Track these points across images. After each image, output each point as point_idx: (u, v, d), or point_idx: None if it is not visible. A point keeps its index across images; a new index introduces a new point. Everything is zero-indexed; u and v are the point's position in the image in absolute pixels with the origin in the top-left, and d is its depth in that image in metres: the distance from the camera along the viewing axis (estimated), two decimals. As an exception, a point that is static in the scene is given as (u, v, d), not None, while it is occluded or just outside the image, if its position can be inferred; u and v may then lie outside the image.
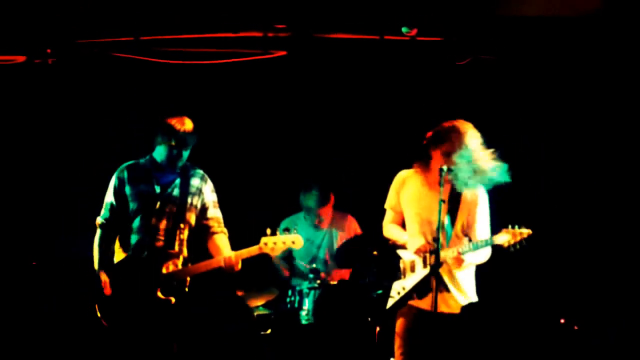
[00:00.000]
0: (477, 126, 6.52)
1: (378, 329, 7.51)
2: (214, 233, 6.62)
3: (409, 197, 6.43)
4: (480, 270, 6.44)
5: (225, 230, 6.66)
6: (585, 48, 8.01)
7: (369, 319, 7.58)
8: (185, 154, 6.48)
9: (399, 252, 6.47)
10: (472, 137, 6.28)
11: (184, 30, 8.28)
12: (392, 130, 8.53)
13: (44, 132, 8.60)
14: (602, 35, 7.86)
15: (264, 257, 8.45)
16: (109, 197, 6.51)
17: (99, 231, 6.50)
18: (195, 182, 6.57)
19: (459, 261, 6.14)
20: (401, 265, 6.44)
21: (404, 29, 7.99)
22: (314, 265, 8.09)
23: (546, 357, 7.83)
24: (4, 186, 8.50)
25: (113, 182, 6.51)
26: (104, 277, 6.34)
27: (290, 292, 8.04)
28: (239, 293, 7.80)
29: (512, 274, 7.98)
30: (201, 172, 6.63)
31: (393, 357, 7.11)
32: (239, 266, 6.40)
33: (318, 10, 7.94)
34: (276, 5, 7.90)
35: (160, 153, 6.50)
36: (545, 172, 8.32)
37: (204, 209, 6.59)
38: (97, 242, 6.47)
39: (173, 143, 6.41)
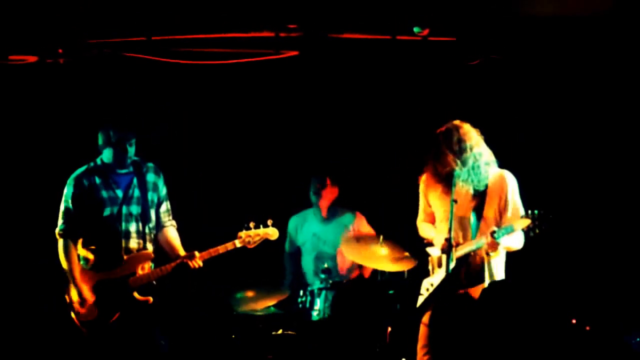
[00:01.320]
0: (489, 126, 6.53)
1: (390, 329, 7.51)
2: (164, 226, 6.71)
3: (435, 198, 6.46)
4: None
5: (174, 222, 6.73)
6: (597, 47, 7.99)
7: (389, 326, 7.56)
8: (131, 149, 6.54)
9: (428, 249, 6.49)
10: (472, 133, 6.33)
11: (195, 30, 8.27)
12: (404, 130, 8.51)
13: (55, 132, 8.61)
14: (614, 34, 7.83)
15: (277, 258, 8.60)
16: (66, 206, 6.56)
17: (61, 241, 6.55)
18: (150, 177, 6.66)
19: (493, 245, 6.12)
20: (429, 263, 6.45)
21: (415, 29, 7.98)
22: (326, 265, 8.08)
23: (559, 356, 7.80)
24: (13, 185, 8.51)
25: (67, 190, 6.57)
26: (83, 290, 6.39)
27: (301, 292, 8.03)
28: (250, 294, 7.78)
29: (535, 270, 7.98)
30: (153, 165, 6.73)
31: (404, 357, 7.13)
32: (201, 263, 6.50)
33: (330, 10, 7.94)
34: (288, 5, 7.89)
35: (107, 156, 6.55)
36: (560, 169, 8.29)
37: (159, 202, 6.67)
38: (62, 252, 6.53)
39: (114, 141, 6.45)
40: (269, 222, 6.70)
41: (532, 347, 7.72)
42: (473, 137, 6.34)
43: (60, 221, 6.57)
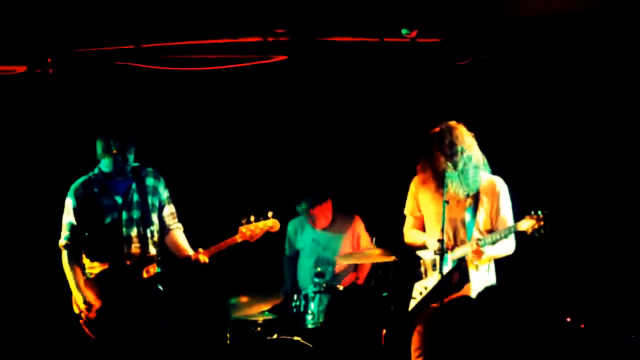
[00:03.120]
0: (479, 126, 6.55)
1: (384, 331, 7.52)
2: (169, 229, 6.74)
3: (427, 200, 6.45)
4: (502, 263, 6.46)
5: (180, 225, 6.76)
6: (584, 46, 8.00)
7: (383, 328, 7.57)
8: (131, 157, 6.58)
9: (419, 253, 6.48)
10: (465, 136, 6.33)
11: (183, 37, 8.28)
12: (395, 131, 8.52)
13: (46, 142, 8.60)
14: (602, 31, 7.85)
15: (274, 263, 8.60)
16: (69, 218, 6.61)
17: (64, 252, 6.60)
18: (149, 181, 6.70)
19: (478, 253, 6.14)
20: (422, 266, 6.44)
21: (403, 31, 7.99)
22: (319, 269, 8.09)
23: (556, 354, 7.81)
24: (5, 193, 8.50)
25: (70, 202, 6.61)
26: (88, 296, 6.41)
27: (295, 297, 8.03)
28: (244, 299, 7.78)
29: (530, 268, 7.98)
30: (152, 170, 6.76)
31: (401, 359, 7.14)
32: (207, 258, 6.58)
33: (317, 14, 7.94)
34: (275, 9, 7.90)
35: (106, 164, 6.59)
36: (553, 168, 8.30)
37: (160, 206, 6.71)
38: (66, 263, 6.58)
39: (114, 151, 6.46)
40: (269, 214, 6.72)
41: (527, 349, 7.76)
42: (465, 140, 6.34)
43: (64, 233, 6.62)
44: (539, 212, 6.09)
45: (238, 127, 8.89)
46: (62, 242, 6.59)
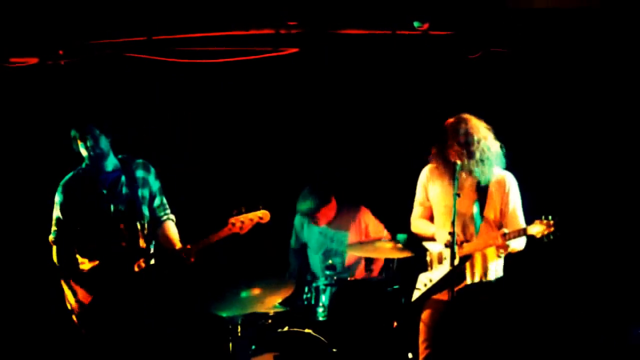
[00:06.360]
0: (490, 119, 6.53)
1: (395, 323, 7.51)
2: (161, 221, 6.65)
3: (437, 191, 6.43)
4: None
5: (172, 216, 6.68)
6: (595, 39, 7.99)
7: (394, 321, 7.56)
8: (104, 145, 6.46)
9: (425, 244, 6.46)
10: (483, 127, 6.32)
11: (195, 29, 8.29)
12: (405, 124, 8.52)
13: (56, 134, 8.59)
14: (610, 26, 7.84)
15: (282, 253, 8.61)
16: (56, 213, 6.53)
17: (54, 248, 6.53)
18: (139, 173, 6.57)
19: (504, 248, 6.11)
20: (428, 258, 6.42)
21: (415, 24, 7.99)
22: (330, 262, 8.08)
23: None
24: (13, 186, 8.52)
25: (58, 198, 6.53)
26: (79, 293, 6.37)
27: (306, 289, 8.03)
28: (256, 291, 7.76)
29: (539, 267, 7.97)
30: (142, 161, 6.63)
31: (411, 351, 7.14)
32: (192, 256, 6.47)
33: (330, 6, 7.95)
34: (287, 2, 7.90)
35: (84, 158, 6.48)
36: (560, 164, 8.28)
37: (151, 197, 6.61)
38: (57, 257, 6.50)
39: (80, 142, 6.40)
40: (260, 206, 6.61)
41: (533, 341, 7.76)
42: (481, 131, 6.32)
43: (52, 228, 6.57)
44: (550, 218, 6.02)
45: (249, 119, 8.88)
46: (51, 237, 6.55)
